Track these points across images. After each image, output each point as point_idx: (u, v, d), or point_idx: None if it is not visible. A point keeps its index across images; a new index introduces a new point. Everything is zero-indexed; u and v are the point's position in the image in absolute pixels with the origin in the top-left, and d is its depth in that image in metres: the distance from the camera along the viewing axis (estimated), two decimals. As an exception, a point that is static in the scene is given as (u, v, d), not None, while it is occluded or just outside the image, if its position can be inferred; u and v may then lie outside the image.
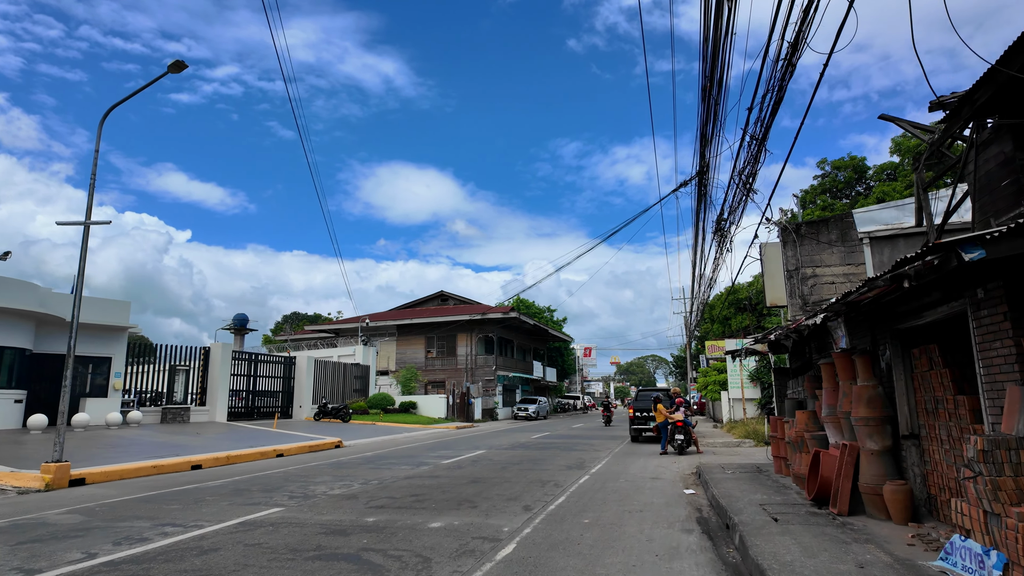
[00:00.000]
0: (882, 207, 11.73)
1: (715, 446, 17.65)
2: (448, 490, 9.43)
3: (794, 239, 11.90)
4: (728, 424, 24.47)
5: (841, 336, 5.86)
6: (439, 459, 14.31)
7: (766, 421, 18.39)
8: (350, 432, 22.88)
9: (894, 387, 5.97)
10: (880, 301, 5.45)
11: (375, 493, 9.20)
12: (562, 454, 15.57)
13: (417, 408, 35.57)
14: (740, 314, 46.59)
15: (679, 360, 70.61)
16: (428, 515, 7.43)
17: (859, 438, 6.11)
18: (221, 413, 24.54)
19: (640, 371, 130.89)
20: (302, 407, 29.88)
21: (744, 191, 9.10)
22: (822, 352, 8.93)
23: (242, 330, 57.58)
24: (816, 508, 6.54)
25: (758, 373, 24.24)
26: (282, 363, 30.22)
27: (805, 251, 11.90)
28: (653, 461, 13.96)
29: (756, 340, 8.90)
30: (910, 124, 9.17)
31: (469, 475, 11.24)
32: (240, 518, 7.36)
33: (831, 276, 11.74)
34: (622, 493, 9.15)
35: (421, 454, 15.62)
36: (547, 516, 7.35)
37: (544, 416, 44.94)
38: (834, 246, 11.78)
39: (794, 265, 11.88)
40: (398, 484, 10.13)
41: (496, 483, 10.15)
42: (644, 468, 12.55)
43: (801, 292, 11.72)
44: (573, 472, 11.74)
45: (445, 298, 50.00)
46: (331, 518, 7.32)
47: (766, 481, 8.94)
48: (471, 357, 44.49)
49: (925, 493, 5.69)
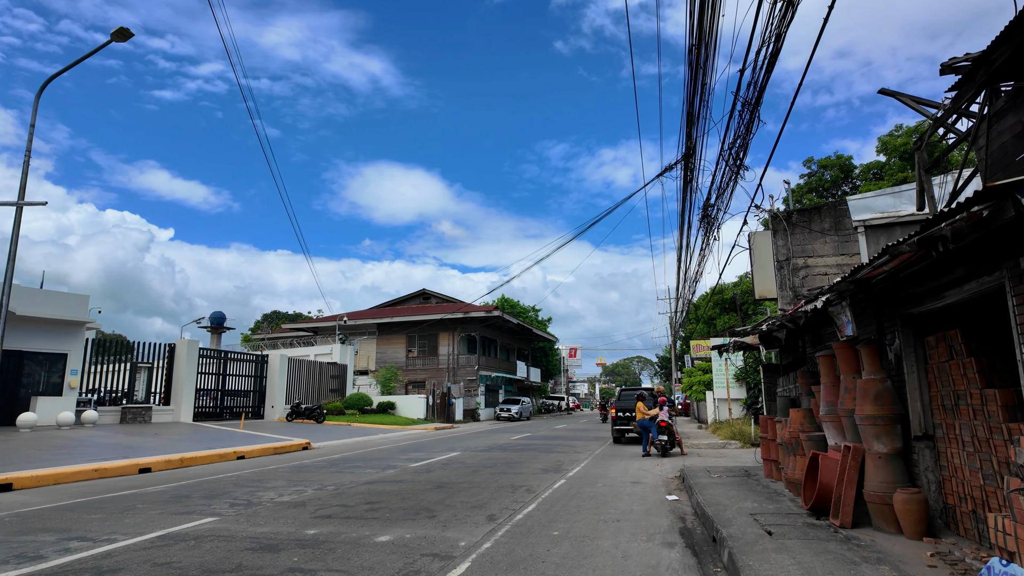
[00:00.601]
0: (878, 194, 11.06)
1: (700, 448, 16.94)
2: (409, 497, 8.57)
3: (785, 228, 11.18)
4: (713, 425, 23.81)
5: (846, 322, 5.10)
6: (408, 462, 13.43)
7: (753, 422, 17.71)
8: (322, 433, 21.90)
9: (904, 380, 5.22)
10: (895, 278, 4.70)
11: (327, 500, 8.31)
12: (540, 456, 14.75)
13: (395, 409, 34.58)
14: (725, 314, 46.15)
15: (664, 361, 70.17)
16: (378, 527, 6.58)
17: (864, 439, 5.35)
18: (187, 413, 23.43)
19: (626, 372, 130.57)
20: (274, 407, 28.81)
21: (733, 168, 8.34)
22: (817, 344, 8.20)
23: (219, 328, 56.25)
24: (815, 519, 5.77)
25: (744, 372, 23.61)
26: (254, 362, 29.12)
27: (796, 241, 11.19)
28: (635, 464, 13.19)
29: (746, 332, 8.15)
30: (912, 99, 8.47)
31: (436, 480, 10.38)
32: (163, 530, 6.45)
33: (823, 267, 11.04)
34: (599, 499, 8.34)
35: (391, 456, 14.72)
36: (512, 527, 6.52)
37: (527, 417, 44.14)
38: (827, 235, 11.08)
39: (785, 255, 11.17)
40: (356, 490, 9.25)
41: (463, 489, 9.30)
42: (625, 471, 11.77)
43: (792, 283, 11.01)
44: (549, 476, 10.92)
45: (427, 296, 49.02)
46: (267, 530, 6.44)
47: (756, 486, 8.18)
48: (453, 357, 43.56)
49: (941, 503, 4.94)
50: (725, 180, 9.33)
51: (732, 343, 8.54)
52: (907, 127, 36.60)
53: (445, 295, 47.86)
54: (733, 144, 7.71)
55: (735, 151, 7.80)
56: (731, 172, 8.54)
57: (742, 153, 7.78)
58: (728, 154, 8.02)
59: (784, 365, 10.29)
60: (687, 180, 11.12)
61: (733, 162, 8.15)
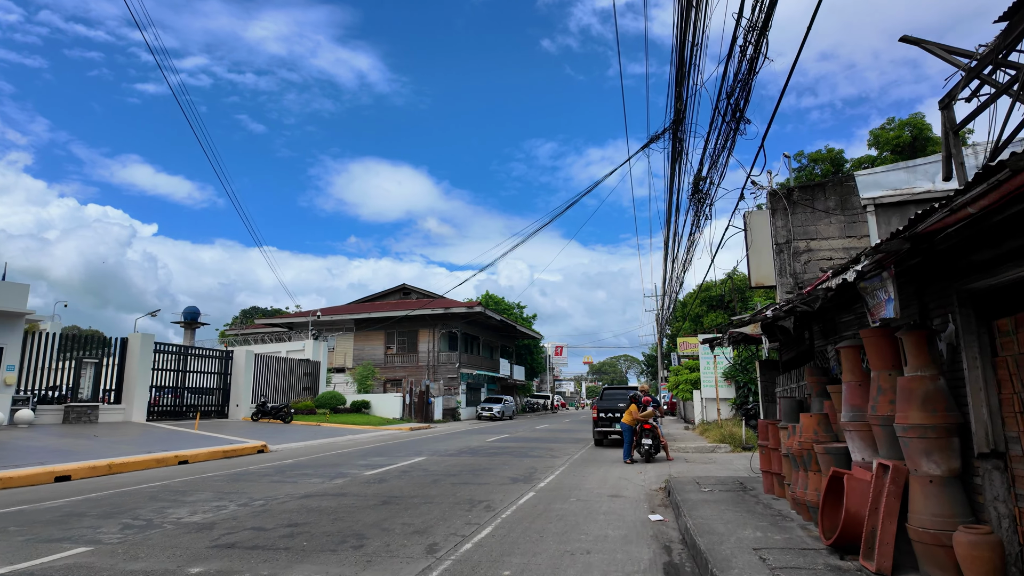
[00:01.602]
0: (889, 168, 9.81)
1: (687, 451, 15.68)
2: (344, 517, 7.18)
3: (785, 207, 9.90)
4: (701, 426, 22.59)
5: (885, 300, 3.80)
6: (365, 468, 12.03)
7: (743, 424, 16.47)
8: (286, 434, 20.41)
9: (964, 378, 3.92)
10: (950, 241, 3.40)
11: (243, 521, 6.90)
12: (513, 461, 13.40)
13: (370, 408, 33.09)
14: (713, 311, 45.10)
15: (650, 359, 69.09)
16: (286, 562, 5.18)
17: (908, 456, 4.04)
18: (139, 412, 21.83)
19: (612, 371, 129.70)
20: (239, 406, 27.24)
21: (732, 122, 7.00)
22: (828, 335, 6.90)
23: (193, 324, 54.32)
24: (839, 559, 4.46)
25: (734, 371, 22.40)
26: (218, 358, 27.52)
27: (798, 221, 9.91)
28: (615, 471, 11.87)
29: (744, 321, 6.85)
30: (940, 47, 7.19)
31: (386, 492, 8.99)
32: (7, 567, 5.02)
33: (828, 250, 9.77)
34: (569, 521, 7.00)
35: (348, 462, 13.30)
36: (454, 563, 5.16)
37: (510, 416, 42.82)
38: (832, 215, 9.81)
39: (785, 238, 9.88)
40: (285, 507, 7.84)
41: (412, 506, 7.92)
42: (603, 481, 10.45)
43: (793, 269, 9.73)
44: (516, 487, 9.57)
45: (408, 292, 47.49)
46: (140, 567, 5.03)
47: (755, 506, 6.87)
48: (433, 354, 42.11)
49: (1017, 546, 3.64)
50: (720, 143, 8.00)
51: (728, 335, 7.24)
52: (900, 120, 35.72)
53: (426, 290, 46.36)
54: (732, 92, 6.38)
55: (734, 99, 6.47)
56: (729, 129, 7.19)
57: (743, 102, 6.44)
58: (725, 105, 6.68)
59: (785, 361, 9.00)
60: (676, 152, 9.81)
61: (732, 114, 6.82)
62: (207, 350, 27.34)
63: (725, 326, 7.39)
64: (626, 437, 13.41)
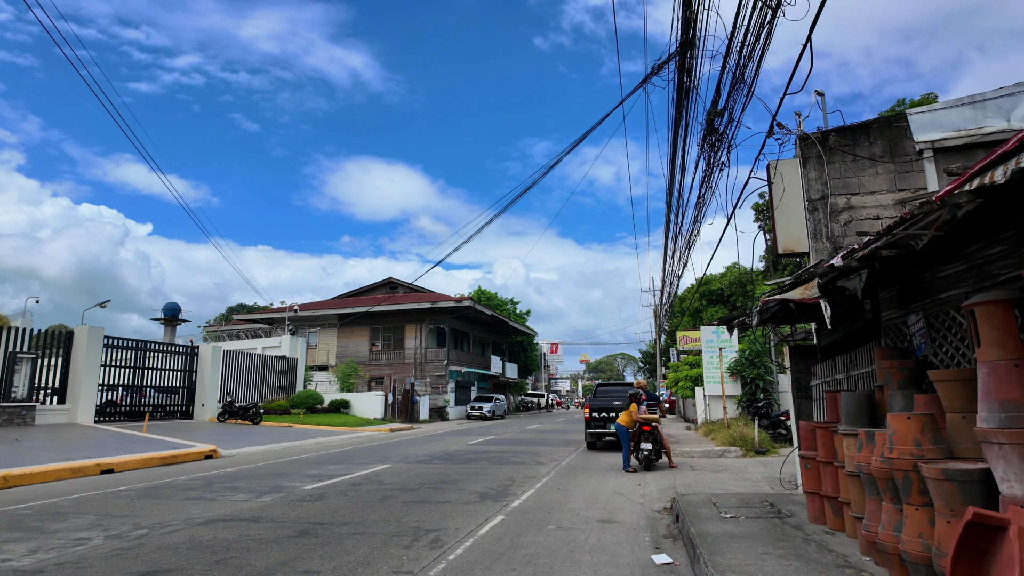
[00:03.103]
0: (950, 104, 7.84)
1: (692, 456, 13.71)
2: (229, 559, 5.18)
3: (819, 154, 7.92)
4: (705, 426, 20.63)
5: None
6: (310, 481, 10.03)
7: (756, 424, 14.52)
8: (248, 437, 18.40)
9: None
10: None
11: (85, 567, 4.90)
12: (490, 470, 11.42)
13: (350, 407, 31.08)
14: (713, 306, 43.18)
15: (648, 356, 67.11)
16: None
17: None
18: (86, 413, 19.76)
19: (609, 369, 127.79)
20: (205, 406, 25.19)
21: None
22: (909, 301, 4.92)
23: (173, 321, 52.28)
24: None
25: (740, 366, 20.44)
26: (183, 354, 25.47)
27: (836, 172, 7.94)
28: (609, 482, 9.90)
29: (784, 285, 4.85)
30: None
31: (313, 516, 6.99)
32: None
33: (874, 207, 7.80)
34: (540, 566, 5.01)
35: (295, 472, 11.31)
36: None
37: (502, 416, 40.86)
38: (879, 163, 7.84)
39: (819, 192, 7.91)
40: (168, 539, 5.83)
41: (335, 539, 5.92)
42: (593, 497, 8.46)
43: (830, 231, 7.76)
44: (483, 508, 7.58)
45: (394, 286, 45.41)
46: None
47: (804, 545, 4.89)
48: (420, 351, 40.09)
49: None
50: (751, 40, 5.99)
51: (761, 310, 5.20)
52: (910, 100, 33.91)
53: (413, 284, 44.30)
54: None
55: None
56: (765, 11, 5.14)
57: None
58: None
59: (826, 346, 7.01)
60: (682, 89, 7.82)
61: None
62: (169, 345, 25.26)
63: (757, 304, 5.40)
64: (624, 442, 11.41)
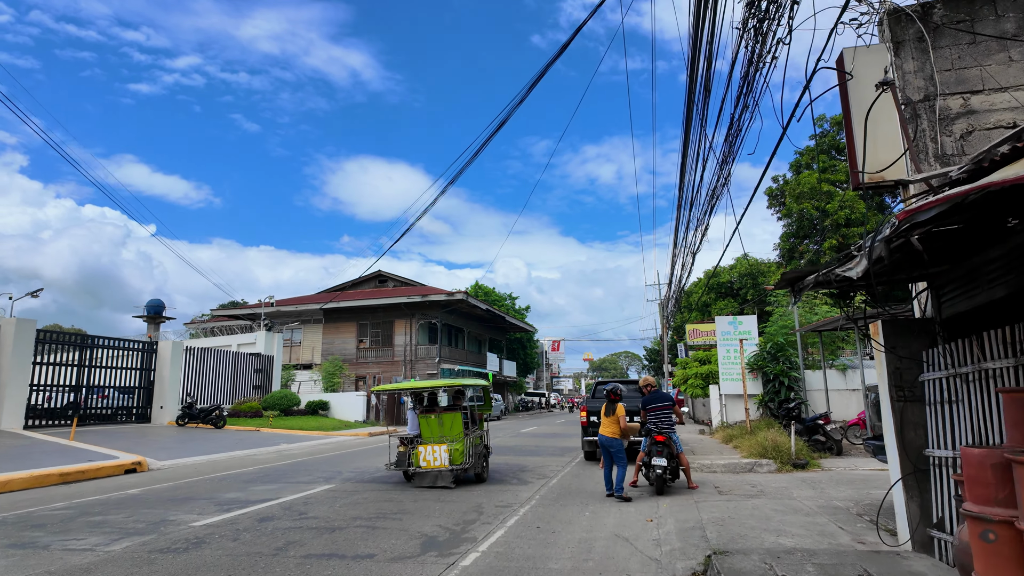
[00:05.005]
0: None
1: (714, 470, 11.09)
2: None
3: (921, 35, 5.29)
4: (722, 429, 17.98)
5: None
6: (210, 514, 7.47)
7: (791, 431, 11.87)
8: (202, 444, 15.92)
9: None
10: None
11: None
12: (452, 495, 8.84)
13: (329, 409, 28.53)
14: (722, 299, 40.56)
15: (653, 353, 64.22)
16: None
17: None
18: (12, 418, 17.29)
19: (613, 367, 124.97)
20: (164, 408, 22.70)
21: None
22: None
23: (157, 318, 49.65)
24: None
25: (761, 360, 17.78)
26: (140, 351, 22.96)
27: (945, 61, 5.31)
28: (609, 517, 7.30)
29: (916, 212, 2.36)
30: None
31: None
32: None
33: (1006, 109, 5.16)
34: None
35: (211, 495, 8.75)
36: None
37: (498, 416, 38.28)
38: (1010, 45, 5.21)
39: (921, 92, 5.28)
40: None
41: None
42: (587, 547, 5.86)
43: (940, 146, 5.13)
44: (417, 570, 4.99)
45: (383, 279, 42.86)
46: None
47: None
48: (411, 347, 37.54)
49: None
50: None
51: (896, 225, 2.65)
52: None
53: (403, 277, 41.75)
54: None
55: None
56: None
57: None
58: None
59: (948, 319, 4.39)
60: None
61: None
62: (121, 341, 22.71)
63: (877, 239, 2.80)
64: (611, 460, 8.54)
